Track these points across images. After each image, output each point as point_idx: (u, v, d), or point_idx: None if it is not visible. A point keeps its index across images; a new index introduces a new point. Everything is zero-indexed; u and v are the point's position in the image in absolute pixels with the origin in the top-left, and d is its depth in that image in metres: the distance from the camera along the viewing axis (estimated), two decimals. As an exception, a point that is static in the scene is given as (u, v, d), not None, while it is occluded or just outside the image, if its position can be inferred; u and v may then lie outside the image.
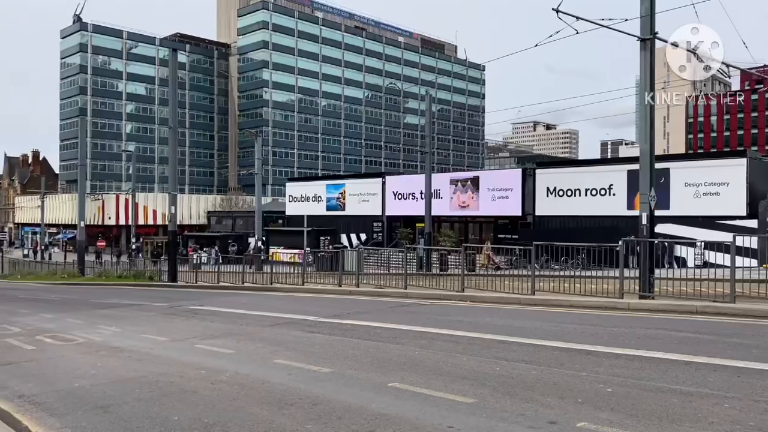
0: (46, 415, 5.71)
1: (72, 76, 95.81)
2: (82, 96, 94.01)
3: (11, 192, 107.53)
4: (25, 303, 19.48)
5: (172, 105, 27.93)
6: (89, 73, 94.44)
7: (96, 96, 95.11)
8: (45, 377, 7.51)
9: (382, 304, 14.90)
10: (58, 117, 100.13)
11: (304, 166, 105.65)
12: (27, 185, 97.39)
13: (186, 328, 11.62)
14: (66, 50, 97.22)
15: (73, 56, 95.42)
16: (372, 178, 49.20)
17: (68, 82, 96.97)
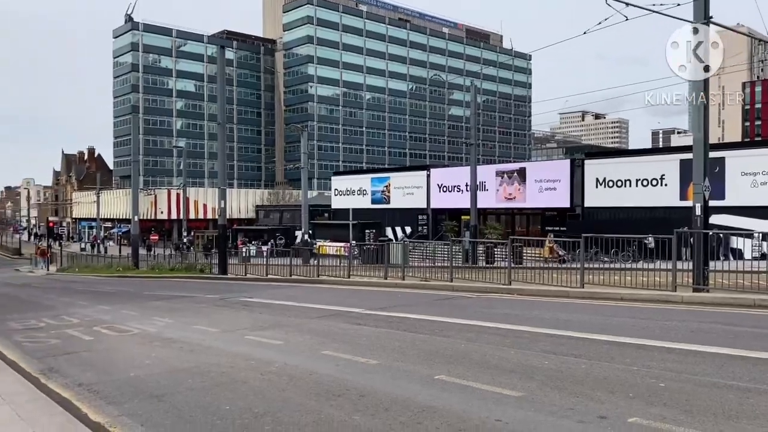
0: (104, 403, 5.92)
1: (124, 75, 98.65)
2: (134, 94, 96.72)
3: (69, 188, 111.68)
4: (82, 295, 20.21)
5: (220, 101, 28.46)
6: (140, 71, 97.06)
7: (147, 93, 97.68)
8: (102, 367, 7.78)
9: (427, 296, 14.88)
10: (112, 115, 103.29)
11: (349, 159, 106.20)
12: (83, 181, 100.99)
13: (236, 320, 11.86)
14: (118, 49, 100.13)
15: (125, 55, 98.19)
16: (417, 170, 49.08)
17: (121, 80, 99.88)
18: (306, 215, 40.40)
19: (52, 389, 6.40)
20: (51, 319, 13.04)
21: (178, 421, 5.27)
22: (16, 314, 14.42)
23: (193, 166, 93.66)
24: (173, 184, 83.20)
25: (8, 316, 14.13)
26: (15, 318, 13.50)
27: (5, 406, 5.36)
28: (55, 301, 18.02)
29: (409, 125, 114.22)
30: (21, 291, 24.16)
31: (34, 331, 11.29)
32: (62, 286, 25.77)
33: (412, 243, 29.26)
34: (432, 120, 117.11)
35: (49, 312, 14.62)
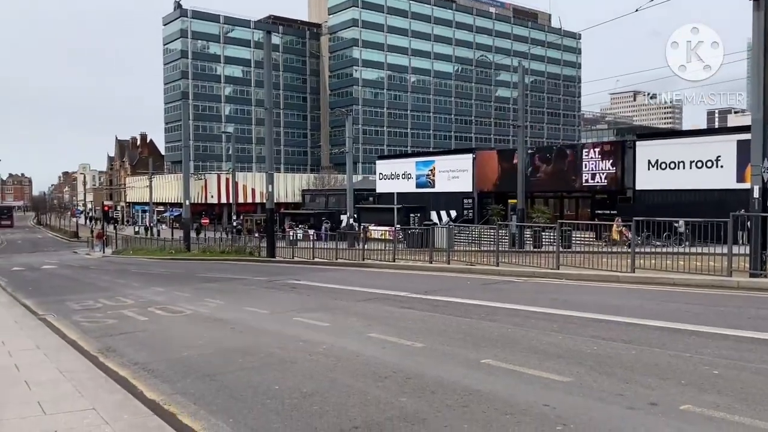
0: (158, 382, 6.13)
1: (174, 62, 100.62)
2: (183, 80, 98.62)
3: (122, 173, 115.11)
4: (137, 277, 20.88)
5: (267, 87, 28.76)
6: (190, 57, 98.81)
7: (196, 80, 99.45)
8: (157, 346, 8.05)
9: (473, 281, 14.82)
10: (163, 101, 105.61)
11: (394, 143, 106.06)
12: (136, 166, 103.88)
13: (284, 302, 12.08)
14: (168, 36, 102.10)
15: (175, 42, 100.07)
16: (462, 153, 48.61)
17: (171, 67, 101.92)
18: (351, 199, 40.64)
19: (110, 368, 6.66)
20: (107, 299, 13.54)
21: (229, 399, 5.42)
22: (75, 295, 15.02)
23: (241, 151, 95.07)
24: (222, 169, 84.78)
25: (67, 297, 14.73)
26: (74, 299, 14.07)
27: (67, 383, 5.61)
28: (110, 283, 18.68)
29: (455, 108, 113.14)
30: (79, 273, 25.12)
31: (92, 312, 11.74)
32: (117, 268, 26.67)
33: (458, 227, 29.09)
34: (478, 102, 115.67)
35: (106, 293, 15.18)
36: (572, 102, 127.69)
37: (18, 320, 10.17)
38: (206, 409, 5.11)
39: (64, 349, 7.47)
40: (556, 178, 39.14)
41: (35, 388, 5.48)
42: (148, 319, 10.43)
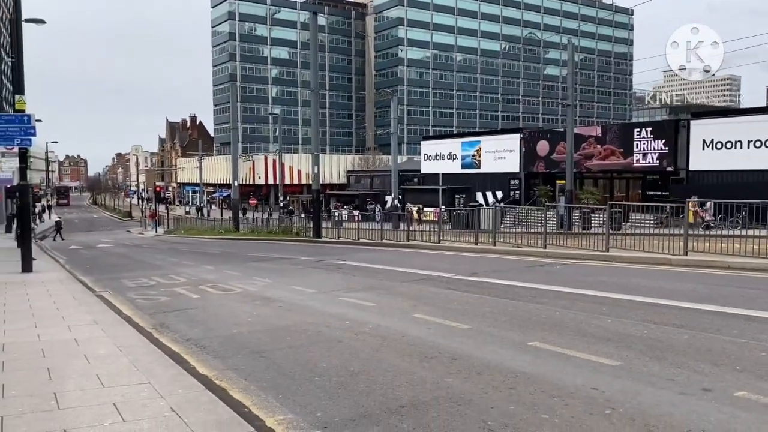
0: (210, 358, 6.31)
1: (222, 44, 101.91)
2: (231, 62, 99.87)
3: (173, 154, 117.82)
4: (188, 255, 21.43)
5: (313, 68, 28.89)
6: (237, 40, 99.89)
7: (244, 62, 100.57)
8: (208, 323, 8.27)
9: (519, 263, 14.68)
10: (211, 83, 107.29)
11: (439, 123, 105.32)
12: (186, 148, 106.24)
13: (330, 281, 12.21)
14: (216, 19, 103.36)
15: (222, 24, 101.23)
16: (509, 134, 47.91)
17: (219, 49, 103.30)
18: (396, 180, 40.63)
19: (164, 343, 6.86)
20: (160, 277, 13.95)
21: (278, 376, 5.53)
22: (129, 273, 15.52)
23: (287, 132, 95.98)
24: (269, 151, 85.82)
25: (122, 274, 15.24)
26: (128, 276, 14.54)
27: (124, 358, 5.83)
28: (163, 261, 19.23)
29: (502, 87, 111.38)
30: (133, 251, 25.93)
31: (146, 289, 12.12)
32: (169, 247, 27.41)
33: (504, 208, 28.80)
34: (526, 81, 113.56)
35: (159, 271, 15.64)
36: (623, 80, 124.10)
37: (76, 296, 10.58)
38: (256, 385, 5.23)
39: (120, 324, 7.75)
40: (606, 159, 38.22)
41: (94, 361, 5.71)
42: (200, 297, 10.71)
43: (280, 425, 4.24)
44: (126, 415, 4.17)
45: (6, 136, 14.96)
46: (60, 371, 5.35)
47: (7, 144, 16.86)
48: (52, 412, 4.23)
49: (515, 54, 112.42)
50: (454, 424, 4.19)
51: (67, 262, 20.40)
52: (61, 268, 17.19)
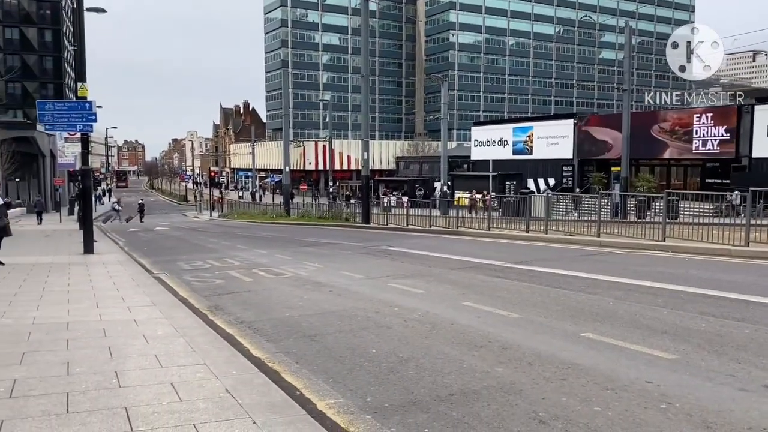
0: (263, 340, 6.43)
1: (274, 30, 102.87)
2: (283, 49, 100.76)
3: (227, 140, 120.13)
4: (242, 239, 21.88)
5: (364, 54, 28.87)
6: (289, 26, 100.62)
7: (295, 48, 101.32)
8: (261, 306, 8.43)
9: (572, 251, 14.41)
10: (263, 69, 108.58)
11: (490, 109, 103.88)
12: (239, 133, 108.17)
13: (379, 267, 12.25)
14: (268, 5, 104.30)
15: (275, 11, 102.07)
16: (562, 119, 46.95)
17: (271, 36, 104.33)
18: (445, 166, 40.37)
19: (218, 325, 7.04)
20: (215, 261, 14.29)
21: (329, 360, 5.60)
22: (185, 255, 15.96)
23: (337, 118, 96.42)
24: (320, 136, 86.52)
25: (178, 257, 15.68)
26: (184, 259, 14.95)
27: (180, 339, 6.00)
28: (217, 245, 19.68)
29: (555, 71, 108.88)
30: (188, 234, 26.64)
31: (201, 272, 12.44)
32: (223, 231, 28.04)
33: (556, 195, 28.28)
34: (580, 65, 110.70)
35: (213, 254, 16.02)
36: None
37: (135, 278, 10.94)
38: (308, 369, 5.31)
39: (176, 306, 7.97)
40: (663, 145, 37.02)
41: (152, 341, 5.91)
42: (253, 281, 10.92)
43: (330, 409, 4.30)
44: (183, 394, 4.30)
45: (69, 122, 15.55)
46: (120, 351, 5.55)
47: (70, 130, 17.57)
48: (113, 390, 4.39)
49: (570, 37, 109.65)
50: (504, 414, 4.16)
51: (126, 244, 21.10)
52: (121, 250, 17.80)
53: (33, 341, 5.92)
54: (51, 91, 68.36)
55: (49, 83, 68.84)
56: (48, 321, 6.89)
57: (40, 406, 4.06)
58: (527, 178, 43.94)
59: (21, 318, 7.04)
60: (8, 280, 10.36)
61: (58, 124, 15.62)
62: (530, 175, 44.15)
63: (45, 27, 68.17)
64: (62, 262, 13.49)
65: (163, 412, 3.96)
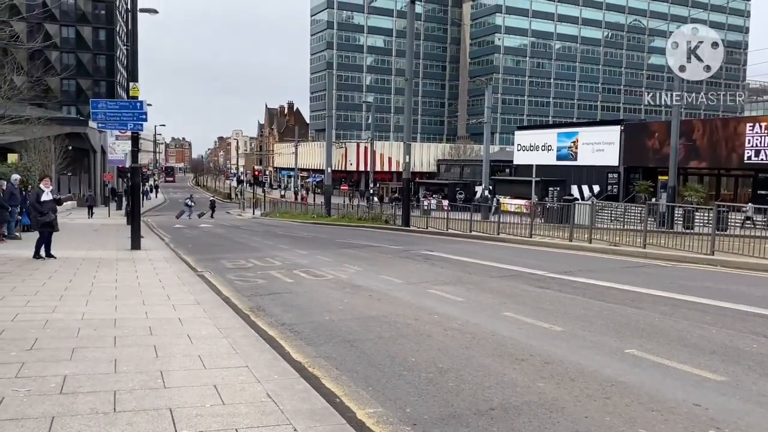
0: (303, 344, 6.47)
1: (320, 32, 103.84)
2: (328, 51, 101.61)
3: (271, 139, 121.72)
4: (283, 239, 22.11)
5: (408, 57, 28.86)
6: (335, 28, 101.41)
7: (341, 50, 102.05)
8: (301, 308, 8.49)
9: (616, 262, 14.14)
10: (309, 71, 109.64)
11: (535, 113, 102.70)
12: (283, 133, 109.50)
13: (419, 272, 12.22)
14: (315, 7, 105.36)
15: (321, 13, 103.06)
16: (609, 125, 45.98)
17: (317, 37, 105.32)
18: (487, 170, 40.08)
19: (260, 327, 7.11)
20: (257, 260, 14.46)
21: (368, 367, 5.60)
22: (228, 254, 16.21)
23: (379, 120, 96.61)
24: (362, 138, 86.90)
25: (222, 255, 15.93)
26: (227, 257, 15.18)
27: (223, 340, 6.08)
28: (260, 244, 19.93)
29: (602, 76, 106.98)
30: (231, 232, 27.07)
31: (244, 271, 12.61)
32: (265, 230, 28.39)
33: (601, 203, 27.75)
34: (628, 70, 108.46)
35: (255, 253, 16.23)
36: (736, 70, 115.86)
37: (180, 275, 11.15)
38: (347, 375, 5.32)
39: (219, 306, 8.09)
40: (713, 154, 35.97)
41: (196, 341, 6.00)
42: (294, 282, 11.01)
43: (370, 418, 4.30)
44: (225, 397, 4.35)
45: (120, 120, 15.97)
46: (165, 350, 5.66)
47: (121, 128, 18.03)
48: (158, 390, 4.48)
49: (618, 42, 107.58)
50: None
51: (172, 240, 21.54)
52: (166, 247, 18.18)
53: (82, 337, 6.09)
54: (103, 88, 70.51)
55: (101, 81, 71.01)
56: (96, 317, 7.08)
57: (89, 403, 4.16)
58: (571, 184, 43.25)
59: (71, 313, 7.24)
60: (60, 274, 10.69)
61: (110, 122, 16.07)
62: (574, 181, 43.43)
63: (100, 26, 70.36)
64: (110, 258, 13.85)
65: (206, 415, 4.01)
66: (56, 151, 42.40)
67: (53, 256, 13.02)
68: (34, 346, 5.64)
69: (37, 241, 13.05)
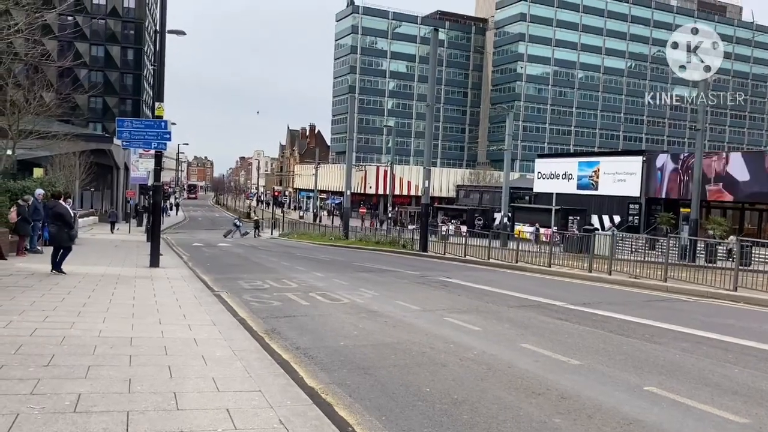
0: (317, 369, 6.43)
1: (344, 57, 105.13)
2: (351, 75, 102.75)
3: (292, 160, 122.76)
4: (301, 261, 22.15)
5: (431, 83, 29.07)
6: (358, 53, 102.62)
7: (363, 74, 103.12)
8: (316, 333, 8.46)
9: (636, 295, 13.96)
10: (331, 94, 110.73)
11: (556, 141, 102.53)
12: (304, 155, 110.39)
13: (435, 299, 12.15)
14: (340, 32, 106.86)
15: (346, 38, 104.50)
16: (631, 156, 45.78)
17: (341, 62, 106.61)
18: (506, 197, 39.98)
19: (275, 350, 7.09)
20: (273, 281, 14.49)
21: (382, 396, 5.54)
22: (246, 274, 16.25)
23: (400, 144, 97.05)
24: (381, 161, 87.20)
25: (239, 275, 15.98)
26: (244, 278, 15.22)
27: (238, 362, 6.07)
28: (277, 265, 19.99)
29: (625, 106, 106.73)
30: (249, 252, 27.18)
31: (260, 292, 12.62)
32: (283, 251, 28.49)
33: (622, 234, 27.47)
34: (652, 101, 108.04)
35: (272, 274, 16.26)
36: (761, 104, 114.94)
37: (197, 295, 11.19)
38: (361, 404, 5.27)
39: (235, 327, 8.09)
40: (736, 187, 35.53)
41: (210, 363, 6.00)
42: (310, 305, 11.00)
43: (382, 450, 4.24)
44: (238, 422, 4.33)
45: (145, 140, 16.21)
46: (180, 370, 5.66)
47: (145, 147, 18.28)
48: (171, 412, 4.47)
49: (641, 73, 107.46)
50: (562, 471, 4.00)
51: (190, 259, 21.67)
52: (184, 265, 18.29)
53: (98, 355, 6.11)
54: (129, 106, 71.82)
55: (128, 99, 72.36)
56: (113, 335, 7.11)
57: (102, 423, 4.16)
58: (591, 214, 42.94)
59: (88, 330, 7.29)
60: (79, 290, 10.79)
61: (134, 141, 16.32)
62: (594, 211, 43.13)
63: (128, 46, 71.92)
64: (129, 275, 13.95)
65: (217, 440, 3.99)
66: (81, 166, 43.12)
67: (63, 272, 12.79)
68: (50, 363, 5.67)
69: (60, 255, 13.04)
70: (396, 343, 7.78)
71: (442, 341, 7.95)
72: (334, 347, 7.53)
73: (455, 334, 8.47)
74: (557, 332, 8.84)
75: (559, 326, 9.36)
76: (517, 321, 9.74)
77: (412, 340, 7.97)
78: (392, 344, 7.74)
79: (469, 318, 9.83)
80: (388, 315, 9.99)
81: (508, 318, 10.01)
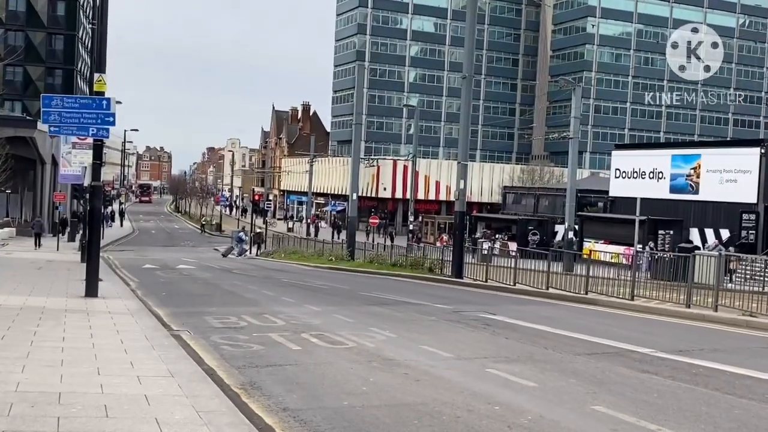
0: (312, 439, 6.46)
1: (349, 11, 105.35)
2: (359, 36, 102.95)
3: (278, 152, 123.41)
4: (289, 289, 22.23)
5: (468, 46, 29.10)
6: (369, 5, 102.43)
7: (376, 35, 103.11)
8: (311, 388, 8.49)
9: (752, 339, 13.94)
10: (332, 62, 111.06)
11: (640, 126, 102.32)
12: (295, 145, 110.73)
13: (474, 343, 12.17)
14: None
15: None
16: (744, 147, 45.48)
17: (345, 18, 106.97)
18: (572, 203, 39.85)
19: (254, 411, 7.12)
20: (252, 317, 14.56)
21: (400, 477, 5.55)
22: (215, 308, 16.34)
23: (425, 130, 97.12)
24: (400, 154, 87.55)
25: (206, 309, 16.07)
26: (213, 312, 15.31)
27: (205, 428, 6.08)
28: (257, 294, 20.09)
29: (736, 78, 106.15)
30: (220, 277, 27.34)
31: (235, 332, 12.69)
32: (265, 275, 28.64)
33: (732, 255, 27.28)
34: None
35: (251, 308, 16.35)
36: None
37: (149, 335, 11.25)
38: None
39: (200, 380, 8.13)
40: None
41: (167, 429, 6.02)
42: (302, 349, 11.04)
43: None
44: None
45: (80, 124, 16.33)
46: (126, 439, 5.70)
47: (81, 134, 18.46)
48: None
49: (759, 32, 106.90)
50: None
51: (139, 286, 21.85)
52: (131, 294, 18.45)
53: (15, 416, 6.16)
54: (59, 78, 72.51)
55: (57, 68, 72.96)
56: (35, 389, 7.16)
57: None
58: (689, 227, 42.66)
59: (2, 383, 7.35)
60: (-11, 327, 10.90)
61: (66, 125, 16.46)
62: (695, 222, 42.84)
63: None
64: (58, 308, 14.06)
65: None
66: (-6, 160, 43.54)
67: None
68: (-54, 428, 5.74)
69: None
70: (420, 404, 7.79)
71: (483, 401, 7.96)
72: (334, 409, 7.55)
73: (502, 392, 8.47)
74: (642, 390, 8.83)
75: (645, 381, 9.35)
76: (587, 374, 9.74)
77: (443, 400, 7.97)
78: (415, 405, 7.75)
79: (521, 369, 9.83)
80: (409, 365, 10.01)
81: (574, 370, 10.00)
